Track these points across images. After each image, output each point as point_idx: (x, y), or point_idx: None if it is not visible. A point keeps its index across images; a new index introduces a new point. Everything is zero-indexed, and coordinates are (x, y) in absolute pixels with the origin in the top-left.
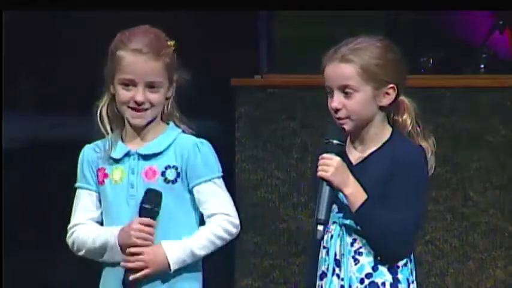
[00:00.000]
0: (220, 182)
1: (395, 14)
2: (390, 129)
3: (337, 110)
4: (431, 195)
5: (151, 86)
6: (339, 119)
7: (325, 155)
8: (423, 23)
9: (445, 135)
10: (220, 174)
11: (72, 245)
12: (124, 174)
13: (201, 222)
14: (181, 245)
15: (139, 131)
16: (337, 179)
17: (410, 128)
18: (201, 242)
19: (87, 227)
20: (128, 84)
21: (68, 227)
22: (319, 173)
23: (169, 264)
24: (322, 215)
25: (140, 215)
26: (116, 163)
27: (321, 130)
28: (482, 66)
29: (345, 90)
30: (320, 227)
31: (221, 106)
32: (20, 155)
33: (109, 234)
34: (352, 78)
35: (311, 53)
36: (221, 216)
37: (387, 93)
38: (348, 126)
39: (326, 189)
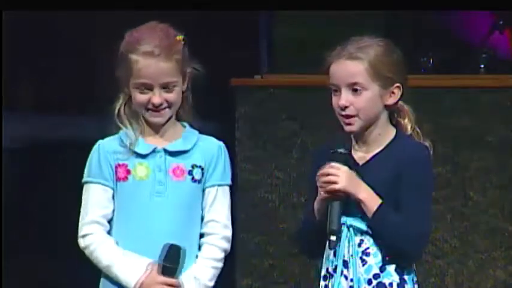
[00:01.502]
0: (228, 190)
1: (396, 14)
2: (394, 129)
3: (344, 108)
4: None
5: (166, 86)
6: (346, 117)
7: (332, 164)
8: (423, 23)
9: (445, 135)
10: (231, 183)
11: (84, 249)
12: (149, 170)
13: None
14: (196, 284)
15: (159, 128)
16: (349, 187)
17: (410, 131)
18: (210, 273)
19: (107, 247)
20: (143, 87)
21: (81, 223)
22: (330, 186)
23: None
24: (334, 225)
25: (162, 273)
26: (139, 159)
27: (321, 130)
28: (482, 66)
29: (353, 87)
30: (333, 237)
31: (221, 106)
32: (20, 155)
33: (127, 275)
34: (360, 76)
35: (311, 53)
36: (217, 229)
37: (393, 93)
38: (355, 125)
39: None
